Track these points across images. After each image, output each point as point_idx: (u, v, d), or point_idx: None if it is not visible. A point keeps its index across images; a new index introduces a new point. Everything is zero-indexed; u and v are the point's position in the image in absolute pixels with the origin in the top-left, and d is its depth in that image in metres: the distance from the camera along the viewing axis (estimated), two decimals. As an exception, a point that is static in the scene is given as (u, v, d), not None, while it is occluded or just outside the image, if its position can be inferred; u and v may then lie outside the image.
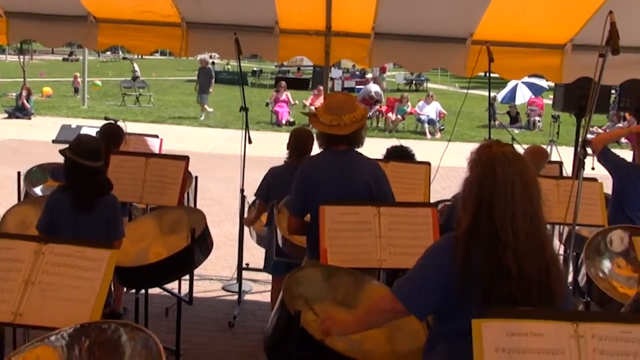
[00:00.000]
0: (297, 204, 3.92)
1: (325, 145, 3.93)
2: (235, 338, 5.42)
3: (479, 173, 2.46)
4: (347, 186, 3.83)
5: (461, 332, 2.38)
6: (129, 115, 19.74)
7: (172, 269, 4.25)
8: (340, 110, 3.80)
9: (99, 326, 2.48)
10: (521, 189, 2.41)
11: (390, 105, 20.53)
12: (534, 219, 2.42)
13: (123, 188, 4.94)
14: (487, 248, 2.39)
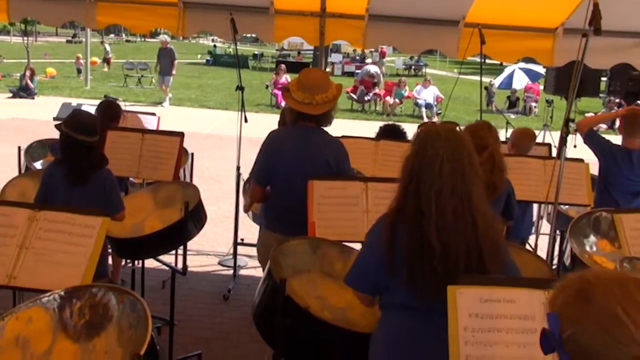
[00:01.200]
0: (260, 173, 4.03)
1: (293, 120, 4.00)
2: (229, 310, 5.53)
3: (413, 149, 2.48)
4: (307, 162, 3.89)
5: (394, 305, 2.50)
6: (130, 96, 19.83)
7: (166, 241, 4.34)
8: (314, 89, 3.86)
9: (90, 289, 2.57)
10: (450, 166, 2.39)
11: (388, 89, 20.56)
12: (464, 196, 2.40)
13: (120, 163, 5.04)
14: (412, 224, 2.39)
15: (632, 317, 1.17)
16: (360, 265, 2.62)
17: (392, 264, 2.43)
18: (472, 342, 2.16)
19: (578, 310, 1.23)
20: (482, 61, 5.97)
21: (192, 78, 27.42)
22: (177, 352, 4.63)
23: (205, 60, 36.75)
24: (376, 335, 2.62)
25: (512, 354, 2.15)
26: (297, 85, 3.95)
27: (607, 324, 1.18)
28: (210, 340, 5.02)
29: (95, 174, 3.94)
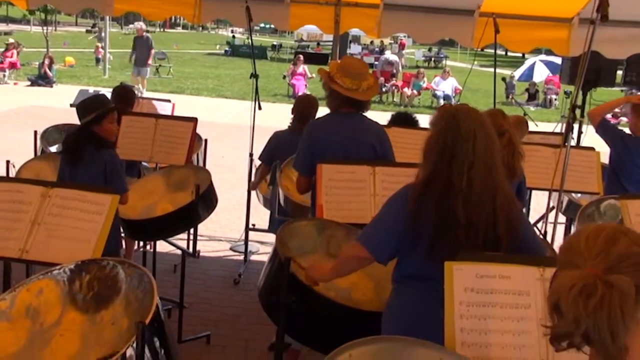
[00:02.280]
0: (305, 164, 4.02)
1: (337, 107, 4.03)
2: (239, 294, 5.61)
3: (443, 126, 2.58)
4: (353, 148, 3.95)
5: (410, 277, 2.57)
6: (148, 85, 19.91)
7: (176, 223, 4.42)
8: (359, 76, 3.93)
9: (99, 263, 2.64)
10: (483, 142, 2.52)
11: (407, 80, 20.52)
12: (492, 170, 2.53)
13: (133, 147, 5.15)
14: (440, 196, 2.49)
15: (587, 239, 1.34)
16: (379, 230, 2.67)
17: (416, 234, 2.51)
18: (467, 316, 2.20)
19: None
20: (495, 51, 5.97)
21: (210, 68, 27.58)
22: (187, 333, 4.71)
23: (224, 51, 36.86)
24: (391, 309, 2.68)
25: (505, 328, 2.19)
26: (342, 72, 3.96)
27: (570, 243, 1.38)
28: (219, 322, 5.10)
29: (97, 155, 3.99)
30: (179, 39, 44.04)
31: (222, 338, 4.85)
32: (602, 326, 1.20)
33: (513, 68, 24.74)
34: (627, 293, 1.22)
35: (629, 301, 1.22)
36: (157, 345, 2.39)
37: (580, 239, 1.35)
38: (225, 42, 40.42)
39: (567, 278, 1.27)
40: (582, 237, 1.35)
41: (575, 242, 1.36)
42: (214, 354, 4.65)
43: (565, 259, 1.35)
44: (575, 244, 1.35)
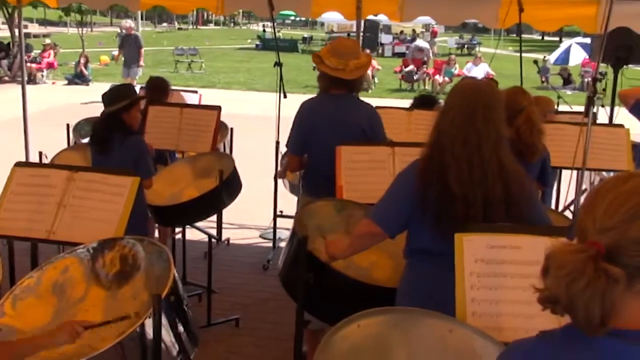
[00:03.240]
0: (296, 143, 4.14)
1: (326, 88, 4.09)
2: (268, 279, 5.68)
3: (449, 102, 2.62)
4: (341, 129, 3.98)
5: (420, 252, 2.59)
6: (181, 80, 20.22)
7: (201, 208, 4.51)
8: (347, 56, 3.94)
9: (120, 241, 2.74)
10: (462, 116, 2.51)
11: (438, 67, 20.38)
12: (475, 147, 2.50)
13: (160, 137, 5.26)
14: (438, 172, 2.52)
15: (605, 198, 1.28)
16: (389, 205, 2.70)
17: (423, 208, 2.53)
18: (478, 287, 2.23)
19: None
20: (520, 30, 5.90)
21: (241, 62, 27.78)
22: (216, 317, 4.82)
23: (255, 45, 37.08)
24: (404, 284, 2.72)
25: (516, 298, 2.21)
26: (330, 52, 4.03)
27: (592, 194, 1.31)
28: (248, 306, 5.19)
29: (125, 141, 4.10)
30: (211, 35, 44.39)
31: (251, 321, 4.94)
32: (579, 308, 1.20)
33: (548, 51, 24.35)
34: (615, 283, 1.20)
35: (615, 290, 1.20)
36: (174, 321, 2.47)
37: (604, 200, 1.27)
38: (256, 36, 40.64)
39: (564, 252, 1.25)
40: (608, 199, 1.27)
41: (597, 203, 1.28)
42: (243, 336, 4.74)
43: (581, 218, 1.30)
44: (596, 205, 1.28)
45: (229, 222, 6.97)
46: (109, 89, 4.30)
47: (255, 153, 10.19)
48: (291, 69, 24.52)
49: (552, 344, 1.33)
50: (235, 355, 4.47)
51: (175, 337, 2.44)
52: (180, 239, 5.62)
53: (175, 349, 2.45)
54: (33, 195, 3.13)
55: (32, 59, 20.11)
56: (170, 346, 2.42)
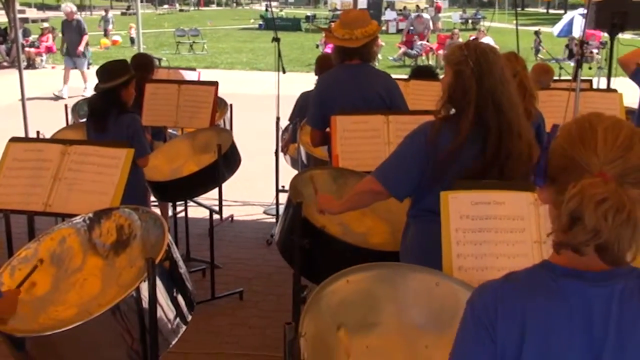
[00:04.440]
0: (316, 117, 4.14)
1: (339, 59, 4.11)
2: (271, 254, 5.73)
3: (456, 65, 2.64)
4: (361, 98, 4.01)
5: (429, 212, 2.60)
6: (183, 62, 20.21)
7: (201, 183, 4.58)
8: (353, 25, 3.97)
9: (116, 211, 2.79)
10: (492, 80, 2.56)
11: (441, 42, 20.27)
12: (504, 109, 2.56)
13: (158, 114, 5.31)
14: (454, 132, 2.57)
15: (607, 136, 1.31)
16: (397, 166, 2.72)
17: (436, 169, 2.56)
18: (464, 242, 2.27)
19: (574, 123, 1.37)
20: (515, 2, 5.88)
21: (244, 43, 27.67)
22: (220, 291, 4.89)
23: (258, 25, 36.89)
24: (411, 244, 2.75)
25: (501, 251, 2.26)
26: (338, 24, 4.10)
27: (584, 132, 1.33)
28: (252, 280, 5.27)
29: (119, 119, 4.14)
30: (213, 16, 44.19)
31: (255, 294, 5.01)
32: (624, 240, 1.24)
33: (551, 24, 24.17)
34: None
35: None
36: (170, 285, 2.52)
37: (597, 135, 1.32)
38: (259, 16, 40.45)
39: (592, 188, 1.25)
40: (600, 134, 1.31)
41: (591, 138, 1.32)
42: (247, 308, 4.81)
43: (579, 154, 1.31)
44: (591, 140, 1.31)
45: (233, 200, 7.04)
46: (104, 65, 4.31)
47: (257, 130, 10.22)
48: (294, 48, 24.46)
49: (517, 284, 1.40)
50: (240, 327, 4.54)
51: (171, 301, 2.49)
52: (183, 216, 5.69)
53: (172, 312, 2.51)
54: (28, 170, 3.19)
55: (30, 44, 20.00)
56: (166, 310, 2.47)
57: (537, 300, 1.35)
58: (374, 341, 2.10)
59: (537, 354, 1.33)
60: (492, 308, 1.37)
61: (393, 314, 2.14)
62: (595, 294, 1.32)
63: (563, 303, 1.33)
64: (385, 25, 31.19)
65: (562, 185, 1.31)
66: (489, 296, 1.40)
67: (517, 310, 1.35)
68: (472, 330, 1.40)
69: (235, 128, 6.36)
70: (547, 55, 17.71)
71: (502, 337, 1.35)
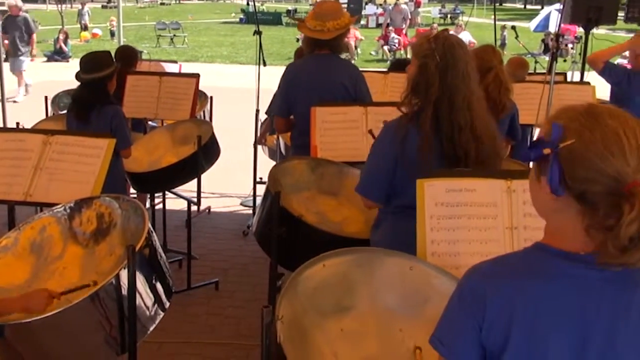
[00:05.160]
0: (282, 105, 4.22)
1: (309, 49, 4.17)
2: (248, 245, 5.78)
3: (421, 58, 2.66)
4: (325, 88, 4.06)
5: (404, 207, 2.65)
6: (163, 55, 20.11)
7: (180, 174, 4.60)
8: (325, 17, 4.01)
9: (96, 200, 2.81)
10: (453, 73, 2.59)
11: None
12: (466, 104, 2.61)
13: (139, 105, 5.32)
14: (420, 127, 2.62)
15: (629, 139, 1.28)
16: (370, 175, 2.79)
17: (410, 166, 2.58)
18: (437, 228, 2.33)
19: (584, 124, 1.31)
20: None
21: (225, 36, 27.61)
22: (197, 281, 4.94)
23: (239, 19, 36.77)
24: (381, 240, 2.75)
25: (473, 237, 2.32)
26: (311, 15, 4.15)
27: (607, 139, 1.28)
28: (228, 270, 5.31)
29: (102, 110, 4.15)
30: (194, 10, 43.94)
31: (231, 284, 5.05)
32: None
33: (527, 20, 24.39)
34: None
35: None
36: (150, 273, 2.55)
37: (622, 140, 1.28)
38: (240, 10, 40.29)
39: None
40: (624, 138, 1.28)
41: (617, 144, 1.28)
42: (223, 298, 4.86)
43: (610, 166, 1.27)
44: (618, 147, 1.28)
45: (210, 192, 7.06)
46: (89, 56, 4.32)
47: (237, 123, 10.23)
48: (275, 41, 24.44)
49: (510, 267, 1.42)
50: (216, 317, 4.58)
51: (150, 288, 2.53)
52: (161, 208, 5.70)
53: (151, 300, 2.54)
54: (9, 160, 3.19)
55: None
56: (145, 297, 2.50)
57: (531, 282, 1.36)
58: (349, 324, 2.15)
59: (525, 335, 1.34)
60: (481, 289, 1.38)
61: (368, 298, 2.19)
62: (591, 276, 1.33)
63: (559, 284, 1.34)
64: (365, 20, 31.29)
65: (589, 197, 1.29)
66: (478, 278, 1.42)
67: (507, 291, 1.36)
68: (459, 311, 1.41)
69: (215, 120, 6.37)
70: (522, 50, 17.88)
71: (491, 317, 1.35)
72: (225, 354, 4.10)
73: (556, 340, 1.33)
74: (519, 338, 1.34)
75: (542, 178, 1.36)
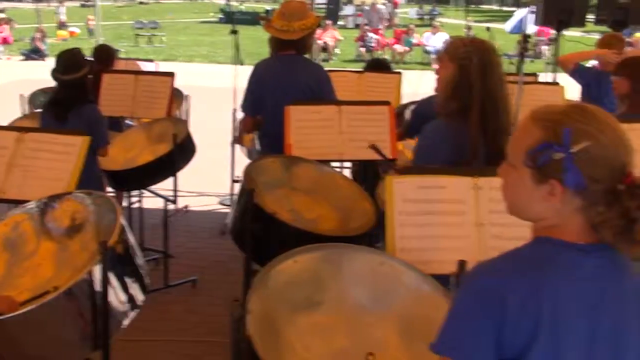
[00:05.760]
0: (248, 104, 4.29)
1: (275, 49, 4.22)
2: (226, 242, 5.73)
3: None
4: (290, 88, 4.12)
5: None
6: (141, 54, 19.98)
7: (156, 172, 4.61)
8: (291, 17, 4.07)
9: (69, 196, 2.82)
10: (492, 77, 2.70)
11: (397, 37, 20.54)
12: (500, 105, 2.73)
13: (115, 104, 5.31)
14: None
15: (623, 133, 1.40)
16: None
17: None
18: (407, 225, 2.39)
19: (593, 125, 1.37)
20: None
21: (204, 36, 27.51)
22: (175, 280, 4.94)
23: (218, 19, 36.66)
24: None
25: (442, 233, 2.38)
26: (277, 15, 4.19)
27: (616, 137, 1.38)
28: (205, 268, 5.33)
29: (80, 110, 4.15)
30: (173, 9, 43.69)
31: (208, 282, 5.07)
32: None
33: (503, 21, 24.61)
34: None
35: None
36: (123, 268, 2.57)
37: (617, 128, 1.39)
38: (219, 9, 40.15)
39: None
40: (618, 127, 1.40)
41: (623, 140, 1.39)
42: (201, 296, 4.87)
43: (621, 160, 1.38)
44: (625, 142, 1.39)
45: (189, 190, 7.05)
46: (65, 55, 4.31)
47: (215, 122, 10.24)
48: (254, 41, 24.33)
49: (522, 261, 1.43)
50: (194, 315, 4.60)
51: (124, 284, 2.54)
52: (138, 207, 5.70)
53: (125, 295, 2.55)
54: (-18, 157, 3.19)
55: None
56: (119, 292, 2.52)
57: (548, 276, 1.38)
58: (319, 319, 2.19)
59: (551, 329, 1.35)
60: (497, 287, 1.36)
61: (338, 293, 2.24)
62: (595, 264, 1.39)
63: (573, 275, 1.38)
64: (344, 20, 31.34)
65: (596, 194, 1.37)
66: (490, 276, 1.41)
67: (527, 288, 1.36)
68: (472, 312, 1.38)
69: (193, 120, 6.39)
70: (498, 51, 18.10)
71: (513, 317, 1.34)
72: (202, 352, 4.13)
73: (575, 331, 1.37)
74: (545, 334, 1.35)
75: (551, 182, 1.39)
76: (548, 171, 1.39)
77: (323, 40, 19.35)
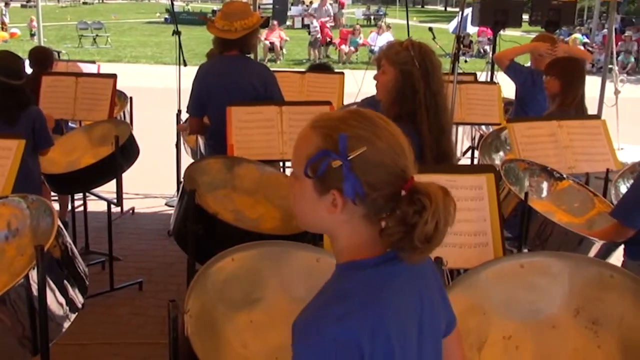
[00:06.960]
0: (194, 105, 4.28)
1: (218, 50, 4.24)
2: (172, 245, 5.61)
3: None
4: (235, 88, 4.14)
5: None
6: (86, 55, 19.64)
7: (99, 174, 4.57)
8: (233, 17, 4.09)
9: (3, 200, 2.78)
10: (433, 75, 2.77)
11: (344, 37, 20.71)
12: (440, 107, 2.79)
13: (56, 106, 5.25)
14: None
15: (401, 137, 1.39)
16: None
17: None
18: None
19: (369, 130, 1.34)
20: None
21: (149, 37, 27.18)
22: (121, 282, 4.90)
23: (164, 19, 36.25)
24: None
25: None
26: (219, 15, 4.20)
27: (392, 140, 1.36)
28: (152, 270, 5.30)
29: (24, 113, 4.10)
30: (117, 9, 42.98)
31: (155, 284, 5.05)
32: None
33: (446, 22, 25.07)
34: None
35: None
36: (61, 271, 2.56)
37: (394, 132, 1.38)
38: (165, 10, 39.69)
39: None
40: (394, 131, 1.38)
41: (396, 139, 1.37)
42: (147, 298, 4.85)
43: (398, 164, 1.35)
44: (397, 141, 1.37)
45: (134, 192, 7.02)
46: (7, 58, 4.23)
47: (160, 124, 10.16)
48: (200, 42, 24.14)
49: (357, 298, 1.33)
50: (139, 317, 4.58)
51: (62, 287, 2.53)
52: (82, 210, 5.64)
53: (64, 298, 2.54)
54: None
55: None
56: (57, 296, 2.50)
57: (381, 301, 1.32)
58: (258, 316, 2.23)
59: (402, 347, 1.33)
60: (347, 334, 1.27)
61: (276, 290, 2.28)
62: (407, 269, 1.37)
63: (397, 289, 1.35)
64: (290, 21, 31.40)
65: (378, 201, 1.35)
66: (336, 326, 1.28)
67: (372, 323, 1.29)
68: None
69: (138, 121, 6.32)
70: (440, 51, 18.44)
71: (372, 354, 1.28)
72: (148, 353, 4.11)
73: (412, 337, 1.37)
74: (401, 354, 1.32)
75: (332, 192, 1.33)
76: (328, 181, 1.33)
77: (270, 41, 19.35)
